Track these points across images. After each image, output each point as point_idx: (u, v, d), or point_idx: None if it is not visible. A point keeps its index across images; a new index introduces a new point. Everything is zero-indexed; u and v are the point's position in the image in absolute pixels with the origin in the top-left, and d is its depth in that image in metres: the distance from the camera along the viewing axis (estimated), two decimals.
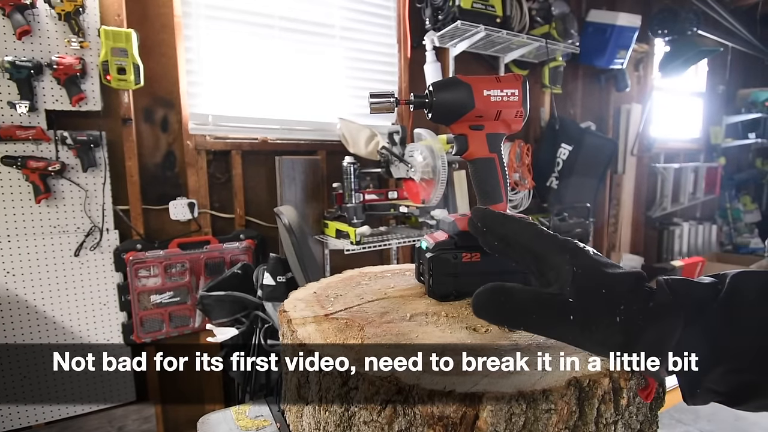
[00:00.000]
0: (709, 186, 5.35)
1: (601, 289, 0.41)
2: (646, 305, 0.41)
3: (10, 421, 2.04)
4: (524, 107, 0.65)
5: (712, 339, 0.40)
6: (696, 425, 1.41)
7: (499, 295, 0.45)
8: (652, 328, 0.41)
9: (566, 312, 0.42)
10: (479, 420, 0.39)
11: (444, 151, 2.17)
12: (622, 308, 0.40)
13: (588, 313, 0.41)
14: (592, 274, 0.42)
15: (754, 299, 0.40)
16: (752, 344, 0.40)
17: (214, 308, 2.08)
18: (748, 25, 5.04)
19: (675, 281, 0.43)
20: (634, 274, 0.44)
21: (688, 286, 0.42)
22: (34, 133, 1.93)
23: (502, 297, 0.44)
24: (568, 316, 0.41)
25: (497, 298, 0.45)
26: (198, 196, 2.36)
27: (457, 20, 2.60)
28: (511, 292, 0.44)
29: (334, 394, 0.46)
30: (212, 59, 2.40)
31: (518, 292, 0.44)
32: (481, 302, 0.45)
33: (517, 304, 0.44)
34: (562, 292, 0.42)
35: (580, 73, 3.92)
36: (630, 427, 0.45)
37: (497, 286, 0.45)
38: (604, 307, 0.41)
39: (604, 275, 0.43)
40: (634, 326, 0.40)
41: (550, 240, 0.46)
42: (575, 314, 0.41)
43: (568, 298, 0.42)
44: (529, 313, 0.43)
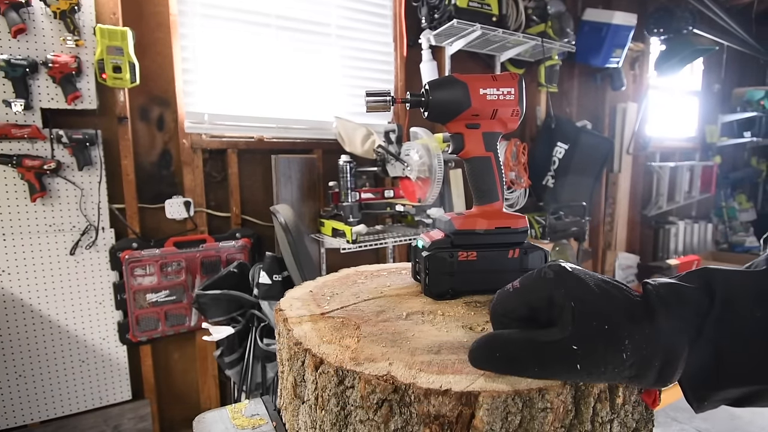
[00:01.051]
0: (705, 185, 5.37)
1: (604, 326, 0.40)
2: (649, 332, 0.40)
3: (5, 419, 2.04)
4: (520, 106, 0.65)
5: (717, 353, 0.40)
6: (691, 424, 1.42)
7: (493, 349, 0.43)
8: (659, 356, 0.40)
9: (572, 361, 0.40)
10: (475, 419, 0.40)
11: (440, 150, 2.17)
12: (627, 343, 0.39)
13: (595, 358, 0.39)
14: (590, 307, 0.40)
15: (751, 306, 0.40)
16: (755, 352, 0.39)
17: (210, 307, 2.08)
18: (744, 23, 5.07)
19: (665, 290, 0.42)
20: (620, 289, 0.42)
21: (680, 298, 0.41)
22: (29, 131, 1.92)
23: (497, 352, 0.43)
24: (575, 365, 0.39)
25: (492, 353, 0.43)
26: (194, 194, 2.35)
27: (453, 19, 2.60)
28: (506, 343, 0.43)
29: (330, 393, 0.46)
30: (208, 58, 2.40)
31: (514, 342, 0.42)
32: (476, 356, 0.44)
33: (513, 357, 0.42)
34: (565, 336, 0.40)
35: (576, 71, 3.93)
36: (626, 425, 0.46)
37: (491, 338, 0.44)
38: (610, 347, 0.39)
39: (603, 306, 0.41)
40: (642, 359, 0.39)
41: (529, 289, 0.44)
42: (582, 362, 0.39)
43: (572, 345, 0.39)
44: (530, 365, 0.41)
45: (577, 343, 0.39)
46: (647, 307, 0.41)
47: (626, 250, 4.60)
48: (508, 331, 0.44)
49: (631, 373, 0.40)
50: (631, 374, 0.40)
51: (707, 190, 5.40)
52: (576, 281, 0.42)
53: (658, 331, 0.40)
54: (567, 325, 0.40)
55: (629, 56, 4.29)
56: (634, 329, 0.39)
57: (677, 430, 1.29)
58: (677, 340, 0.40)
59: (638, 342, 0.39)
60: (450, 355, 0.47)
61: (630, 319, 0.40)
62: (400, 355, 0.47)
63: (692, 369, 0.41)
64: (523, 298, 0.44)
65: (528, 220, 0.67)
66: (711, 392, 0.41)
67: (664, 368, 0.40)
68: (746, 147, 5.90)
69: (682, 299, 0.41)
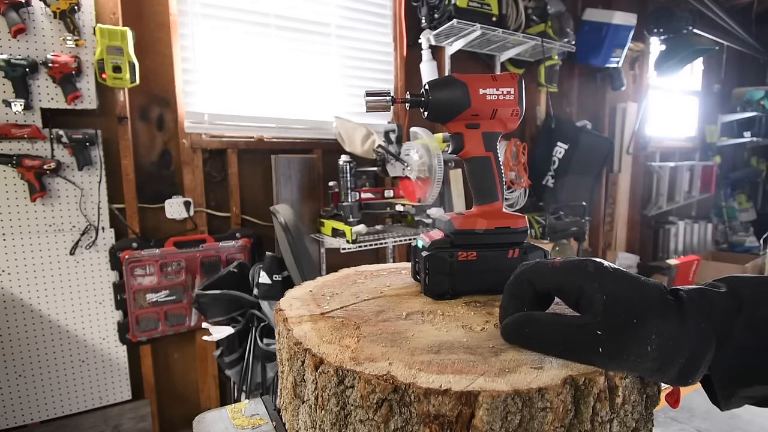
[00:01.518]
0: (705, 184, 5.37)
1: (633, 319, 0.41)
2: (677, 331, 0.41)
3: (5, 419, 2.04)
4: (520, 106, 0.65)
5: (745, 353, 0.42)
6: (691, 424, 1.40)
7: (523, 326, 0.47)
8: (684, 353, 0.41)
9: (595, 345, 0.42)
10: (475, 418, 0.40)
11: (440, 150, 2.17)
12: (653, 337, 0.41)
13: (619, 346, 0.41)
14: (622, 302, 0.43)
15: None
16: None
17: (210, 307, 2.08)
18: (744, 24, 5.07)
19: (695, 294, 0.44)
20: (659, 290, 0.44)
21: (707, 301, 0.43)
22: (29, 131, 1.92)
23: (526, 328, 0.47)
24: (597, 348, 0.42)
25: (522, 330, 0.47)
26: (194, 194, 2.35)
27: (453, 19, 2.60)
28: (535, 322, 0.46)
29: (330, 393, 0.46)
30: (208, 58, 2.40)
31: (543, 322, 0.46)
32: (507, 332, 0.48)
33: (542, 336, 0.46)
34: (591, 322, 0.43)
35: (576, 71, 3.93)
36: (626, 425, 0.46)
37: (522, 317, 0.47)
38: (636, 338, 0.41)
39: (634, 302, 0.43)
40: (666, 354, 0.41)
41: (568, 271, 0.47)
42: (604, 347, 0.42)
43: (597, 330, 0.42)
44: (556, 344, 0.45)
45: (602, 329, 0.42)
46: (679, 307, 0.43)
47: (626, 250, 4.60)
48: (539, 312, 0.48)
49: (653, 366, 0.42)
50: (654, 367, 0.42)
51: (707, 190, 5.41)
52: (611, 278, 0.44)
53: (687, 330, 0.42)
54: (597, 315, 0.42)
55: (629, 56, 4.29)
56: (662, 326, 0.41)
57: (677, 430, 1.28)
58: (704, 342, 0.42)
59: (665, 339, 0.41)
60: (450, 355, 0.47)
61: (660, 316, 0.42)
62: (400, 355, 0.47)
63: (720, 368, 0.42)
64: (558, 278, 0.47)
65: (528, 220, 0.67)
66: (738, 389, 0.43)
67: (687, 367, 0.42)
68: (746, 147, 5.91)
69: (711, 303, 0.43)
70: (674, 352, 0.41)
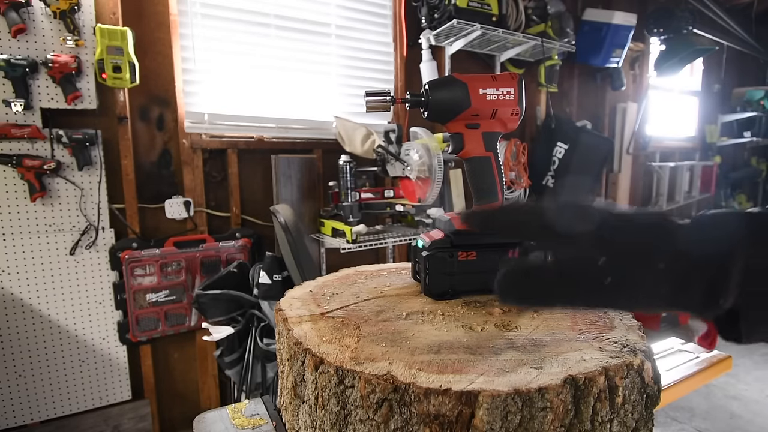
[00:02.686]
0: (705, 185, 5.37)
1: (630, 241, 0.38)
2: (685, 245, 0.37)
3: (5, 419, 2.04)
4: (520, 106, 0.65)
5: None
6: (691, 423, 1.42)
7: (519, 277, 0.40)
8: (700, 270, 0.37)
9: (600, 276, 0.37)
10: (475, 418, 0.40)
11: (440, 150, 2.17)
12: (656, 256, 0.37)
13: (623, 270, 0.37)
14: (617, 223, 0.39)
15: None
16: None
17: (209, 307, 2.08)
18: (743, 23, 5.07)
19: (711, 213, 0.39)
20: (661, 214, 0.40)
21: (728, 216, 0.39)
22: (29, 131, 1.92)
23: (523, 278, 0.40)
24: (603, 279, 0.37)
25: (518, 281, 0.40)
26: (194, 194, 2.35)
27: (453, 19, 2.60)
28: (531, 270, 0.40)
29: (330, 393, 0.46)
30: (208, 58, 2.40)
31: (540, 268, 0.40)
32: (503, 288, 0.40)
33: (542, 282, 0.39)
34: (589, 255, 0.38)
35: (576, 71, 3.93)
36: (625, 425, 0.46)
37: (516, 267, 0.41)
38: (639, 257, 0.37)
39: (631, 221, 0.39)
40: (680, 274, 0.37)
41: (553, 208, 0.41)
42: (611, 275, 0.37)
43: (597, 261, 0.37)
44: (557, 289, 0.39)
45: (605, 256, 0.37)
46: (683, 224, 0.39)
47: None
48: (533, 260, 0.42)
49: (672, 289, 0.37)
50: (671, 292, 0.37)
51: (707, 190, 5.40)
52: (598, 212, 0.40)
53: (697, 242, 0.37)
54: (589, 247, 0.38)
55: (629, 56, 4.29)
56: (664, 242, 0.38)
57: (677, 429, 1.29)
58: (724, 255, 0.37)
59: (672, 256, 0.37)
60: (450, 355, 0.47)
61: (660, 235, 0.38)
62: (400, 355, 0.47)
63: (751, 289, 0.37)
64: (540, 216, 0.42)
65: None
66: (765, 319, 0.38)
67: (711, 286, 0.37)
68: (746, 147, 5.90)
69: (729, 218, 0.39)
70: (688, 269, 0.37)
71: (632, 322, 0.58)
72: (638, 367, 0.46)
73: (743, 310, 0.37)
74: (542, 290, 0.39)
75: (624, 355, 0.47)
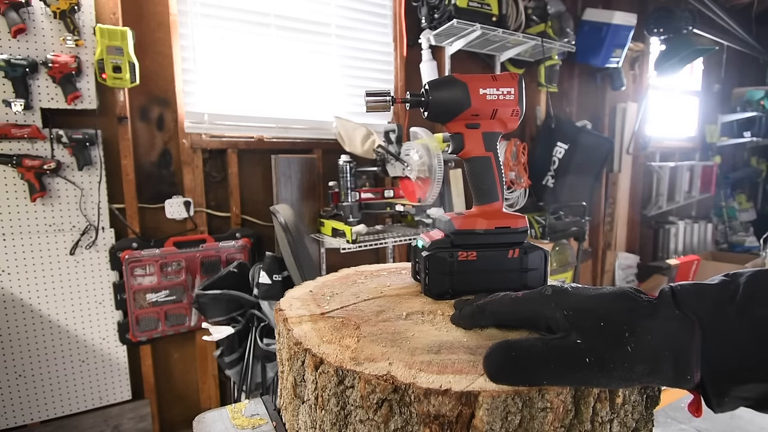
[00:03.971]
0: (705, 184, 5.37)
1: (600, 323, 0.41)
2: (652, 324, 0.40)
3: (5, 419, 2.04)
4: (520, 106, 0.65)
5: (739, 348, 0.39)
6: (691, 424, 1.40)
7: (510, 352, 0.42)
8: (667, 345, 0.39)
9: (580, 355, 0.40)
10: (475, 418, 0.40)
11: (440, 150, 2.17)
12: (627, 336, 0.40)
13: (598, 351, 0.40)
14: (583, 311, 0.42)
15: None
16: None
17: (209, 307, 2.08)
18: (743, 23, 5.07)
19: (681, 288, 0.42)
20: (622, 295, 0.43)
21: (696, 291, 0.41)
22: (29, 131, 1.92)
23: (513, 353, 0.42)
24: (584, 358, 0.40)
25: (509, 356, 0.42)
26: (194, 194, 2.35)
27: (453, 19, 2.60)
28: (520, 346, 0.42)
29: (330, 393, 0.46)
30: (208, 58, 2.40)
31: (528, 344, 0.42)
32: (495, 365, 0.42)
33: (532, 358, 0.41)
34: (568, 335, 0.41)
35: (576, 71, 3.93)
36: (626, 425, 0.46)
37: (505, 344, 0.43)
38: (610, 340, 0.40)
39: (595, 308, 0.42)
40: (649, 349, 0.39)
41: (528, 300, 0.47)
42: (588, 355, 0.40)
43: (576, 340, 0.40)
44: (547, 364, 0.41)
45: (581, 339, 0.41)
46: (651, 303, 0.42)
47: (626, 250, 4.60)
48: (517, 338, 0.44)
49: (645, 369, 0.39)
50: (646, 369, 0.39)
51: (707, 190, 5.41)
52: (569, 295, 0.44)
53: (664, 321, 0.40)
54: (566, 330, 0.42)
55: (629, 56, 4.29)
56: (634, 323, 0.40)
57: (677, 430, 1.28)
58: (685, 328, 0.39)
59: (641, 335, 0.40)
60: (450, 355, 0.47)
61: (629, 314, 0.41)
62: (400, 355, 0.47)
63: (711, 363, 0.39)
64: (520, 307, 0.48)
65: (528, 220, 0.67)
66: (731, 388, 0.39)
67: (679, 360, 0.39)
68: (746, 147, 5.91)
69: (700, 293, 0.41)
70: (658, 347, 0.39)
71: None
72: None
73: (708, 383, 0.40)
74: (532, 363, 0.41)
75: None
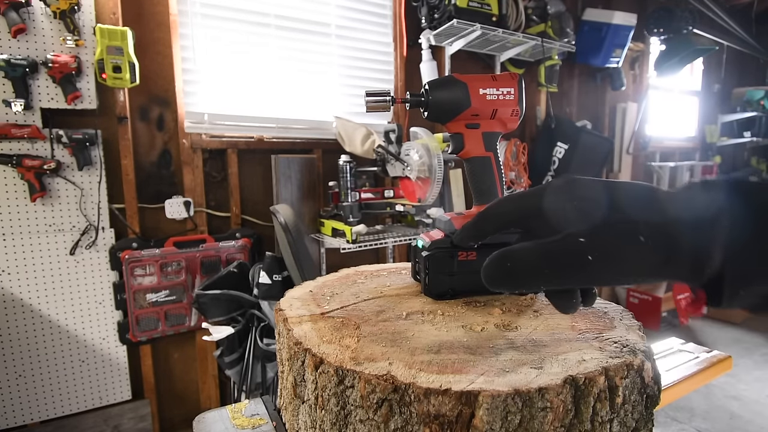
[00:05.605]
0: None
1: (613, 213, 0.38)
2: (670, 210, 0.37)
3: (5, 419, 2.04)
4: (520, 106, 0.65)
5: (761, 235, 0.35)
6: (691, 423, 1.41)
7: (504, 262, 0.40)
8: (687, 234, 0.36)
9: (582, 253, 0.36)
10: (475, 418, 0.40)
11: (440, 150, 2.17)
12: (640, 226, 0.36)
13: (605, 245, 0.36)
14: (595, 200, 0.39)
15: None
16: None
17: (210, 307, 2.08)
18: (744, 23, 5.07)
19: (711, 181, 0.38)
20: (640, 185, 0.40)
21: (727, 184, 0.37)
22: (29, 131, 1.92)
23: (507, 263, 0.39)
24: (586, 256, 0.36)
25: (503, 266, 0.39)
26: (194, 194, 2.36)
27: (453, 19, 2.60)
28: (514, 254, 0.39)
29: (330, 393, 0.46)
30: (208, 58, 2.40)
31: (522, 251, 0.39)
32: (489, 276, 0.40)
33: (524, 266, 0.38)
34: (571, 233, 0.37)
35: (576, 71, 3.93)
36: (626, 425, 0.46)
37: (499, 253, 0.40)
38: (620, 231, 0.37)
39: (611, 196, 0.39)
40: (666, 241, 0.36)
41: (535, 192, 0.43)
42: (594, 252, 0.36)
43: (578, 238, 0.37)
44: (541, 270, 0.38)
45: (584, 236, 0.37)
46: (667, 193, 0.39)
47: None
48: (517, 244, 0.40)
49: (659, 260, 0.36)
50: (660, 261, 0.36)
51: None
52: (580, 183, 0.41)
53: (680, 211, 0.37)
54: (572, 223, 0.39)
55: (629, 56, 4.29)
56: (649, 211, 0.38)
57: (677, 429, 1.29)
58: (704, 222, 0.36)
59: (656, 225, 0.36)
60: (450, 355, 0.47)
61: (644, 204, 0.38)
62: (400, 355, 0.47)
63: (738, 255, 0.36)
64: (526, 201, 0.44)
65: None
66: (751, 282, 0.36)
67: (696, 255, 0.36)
68: (746, 147, 5.90)
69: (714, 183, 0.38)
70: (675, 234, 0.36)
71: (632, 322, 0.58)
72: (638, 367, 0.46)
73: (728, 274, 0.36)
74: (526, 272, 0.39)
75: (624, 355, 0.47)
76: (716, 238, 0.36)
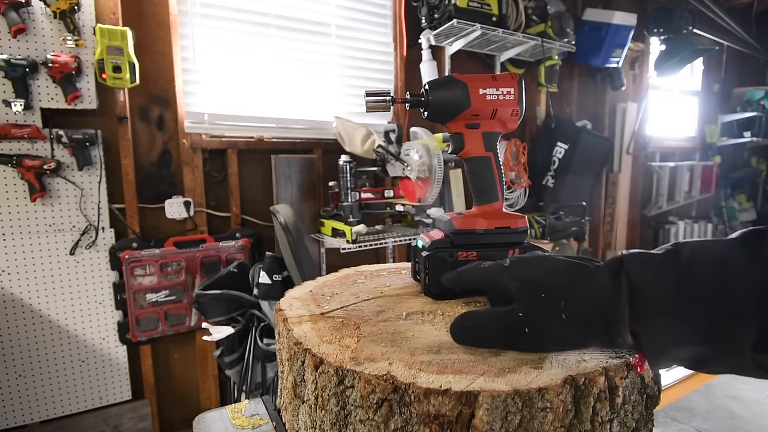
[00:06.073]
0: (705, 184, 5.36)
1: (541, 294, 0.44)
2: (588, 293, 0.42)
3: (5, 419, 2.04)
4: (520, 106, 0.65)
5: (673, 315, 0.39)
6: (691, 423, 1.41)
7: (466, 322, 0.49)
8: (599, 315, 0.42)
9: (521, 326, 0.45)
10: (475, 418, 0.40)
11: (440, 150, 2.17)
12: (562, 305, 0.43)
13: (536, 322, 0.44)
14: (531, 282, 0.46)
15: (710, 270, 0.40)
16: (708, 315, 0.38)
17: (209, 307, 2.08)
18: (743, 23, 5.07)
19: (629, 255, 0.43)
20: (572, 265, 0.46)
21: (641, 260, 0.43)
22: (29, 131, 1.92)
23: (468, 323, 0.49)
24: (523, 329, 0.45)
25: (465, 325, 0.49)
26: (194, 194, 2.35)
27: (453, 19, 2.60)
28: (474, 318, 0.49)
29: (330, 393, 0.46)
30: (208, 58, 2.40)
31: (479, 316, 0.49)
32: (454, 332, 0.50)
33: (481, 329, 0.48)
34: (515, 308, 0.46)
35: (576, 71, 3.93)
36: (625, 425, 0.46)
37: (463, 315, 0.50)
38: (548, 310, 0.43)
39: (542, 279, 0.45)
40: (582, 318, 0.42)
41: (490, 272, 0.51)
42: (528, 326, 0.44)
43: (518, 313, 0.45)
44: (495, 334, 0.47)
45: (523, 311, 0.45)
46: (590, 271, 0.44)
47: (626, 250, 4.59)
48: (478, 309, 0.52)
49: (579, 335, 0.43)
50: (580, 335, 0.43)
51: (707, 190, 5.40)
52: (524, 265, 0.48)
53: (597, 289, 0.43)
54: (516, 300, 0.46)
55: (629, 56, 4.29)
56: (570, 293, 0.43)
57: (677, 430, 1.29)
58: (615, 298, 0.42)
59: (575, 305, 0.43)
60: (450, 355, 0.47)
61: (569, 285, 0.44)
62: (400, 355, 0.47)
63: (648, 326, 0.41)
64: (483, 278, 0.52)
65: (528, 220, 0.67)
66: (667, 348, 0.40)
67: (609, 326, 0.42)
68: (746, 147, 5.90)
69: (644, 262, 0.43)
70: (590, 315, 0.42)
71: None
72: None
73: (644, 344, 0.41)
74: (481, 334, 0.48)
75: (624, 355, 0.47)
76: (622, 314, 0.41)
